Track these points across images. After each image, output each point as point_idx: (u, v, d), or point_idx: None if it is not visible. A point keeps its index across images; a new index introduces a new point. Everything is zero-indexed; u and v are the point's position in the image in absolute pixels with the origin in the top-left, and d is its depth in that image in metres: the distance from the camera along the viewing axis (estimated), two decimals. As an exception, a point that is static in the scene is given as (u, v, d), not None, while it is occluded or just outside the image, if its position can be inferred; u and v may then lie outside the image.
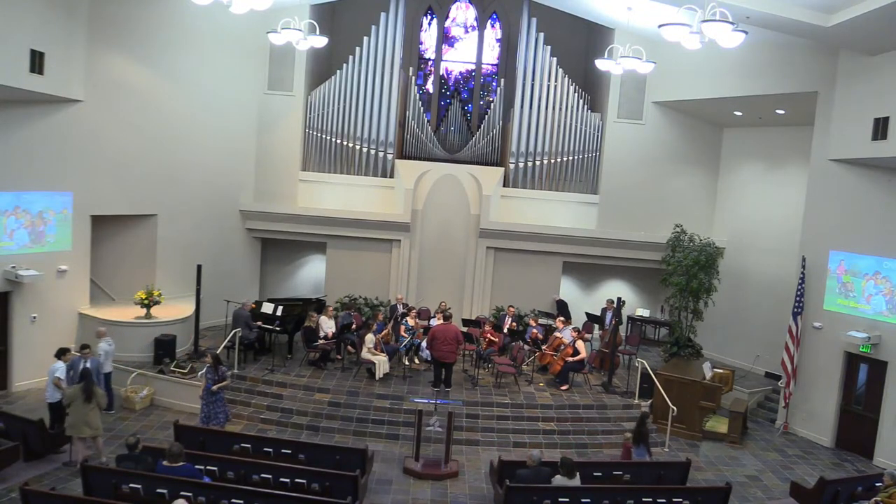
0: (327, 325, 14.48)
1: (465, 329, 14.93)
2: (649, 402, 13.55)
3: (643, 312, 17.98)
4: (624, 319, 16.38)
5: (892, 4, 10.10)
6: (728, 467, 12.12)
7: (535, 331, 15.35)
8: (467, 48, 20.15)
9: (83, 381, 10.05)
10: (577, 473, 9.15)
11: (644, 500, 9.18)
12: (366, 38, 17.32)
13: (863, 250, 13.07)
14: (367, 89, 17.34)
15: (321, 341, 14.10)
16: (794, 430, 14.02)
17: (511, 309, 16.26)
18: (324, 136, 17.45)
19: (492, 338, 14.80)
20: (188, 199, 15.75)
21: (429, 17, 19.91)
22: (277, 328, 14.30)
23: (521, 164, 17.53)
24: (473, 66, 20.07)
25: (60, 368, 10.70)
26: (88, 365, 10.72)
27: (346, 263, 17.53)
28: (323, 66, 18.42)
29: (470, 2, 19.87)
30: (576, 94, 17.64)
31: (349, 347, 14.73)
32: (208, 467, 8.95)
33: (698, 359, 15.38)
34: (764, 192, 16.63)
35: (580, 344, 14.20)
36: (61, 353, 10.97)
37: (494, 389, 13.71)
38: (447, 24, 20.04)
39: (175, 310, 14.74)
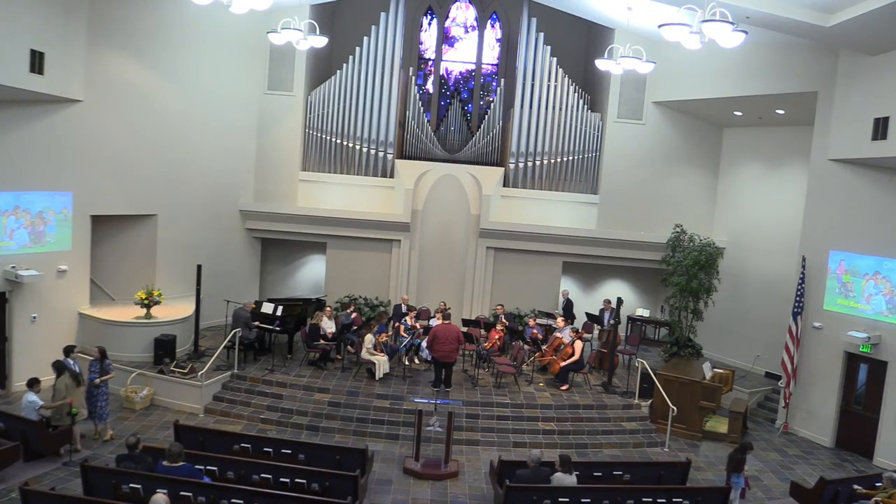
0: (327, 325, 14.49)
1: (465, 329, 14.93)
2: (649, 402, 13.56)
3: (643, 312, 17.97)
4: (623, 319, 16.38)
5: (892, 4, 10.11)
6: (728, 467, 12.11)
7: (534, 331, 15.34)
8: (467, 48, 20.16)
9: (66, 371, 10.45)
10: (575, 472, 9.17)
11: (644, 500, 9.18)
12: (366, 38, 17.32)
13: (863, 250, 13.07)
14: (367, 89, 17.35)
15: (321, 341, 14.11)
16: (794, 430, 14.02)
17: (500, 307, 16.22)
18: (324, 136, 17.46)
19: (499, 341, 14.79)
20: (188, 199, 15.75)
21: (429, 17, 19.92)
22: (277, 328, 14.31)
23: (521, 164, 17.53)
24: (473, 66, 20.07)
25: (35, 401, 10.47)
26: (76, 368, 10.94)
27: (346, 263, 17.53)
28: (323, 66, 18.42)
29: (470, 2, 19.88)
30: (576, 94, 17.65)
31: (349, 347, 14.75)
32: (208, 467, 8.95)
33: (698, 359, 15.40)
34: (764, 192, 16.63)
35: (577, 344, 14.20)
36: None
37: (494, 389, 13.71)
38: (447, 24, 20.04)
39: (175, 310, 14.72)
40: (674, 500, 9.29)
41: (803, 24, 11.56)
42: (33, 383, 10.63)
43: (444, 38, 19.99)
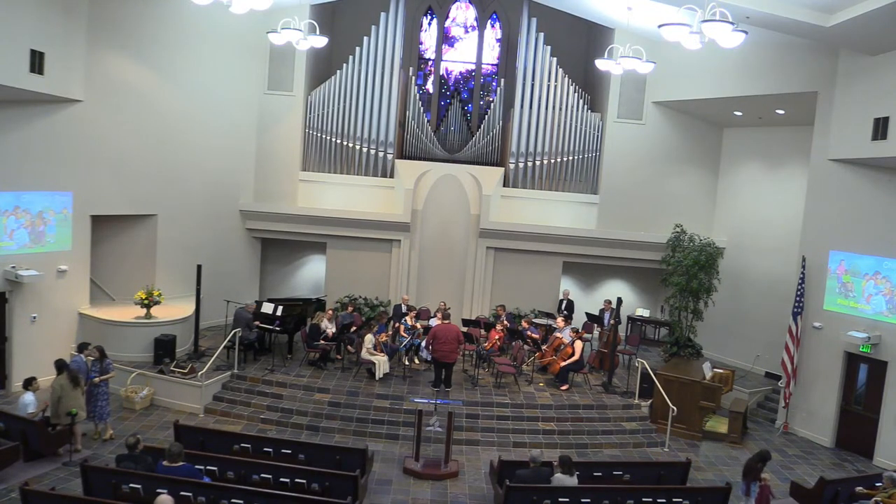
0: (326, 325, 14.48)
1: (465, 329, 14.93)
2: (649, 402, 13.56)
3: (643, 312, 17.97)
4: (623, 319, 16.35)
5: (892, 4, 10.11)
6: (728, 467, 12.11)
7: (528, 332, 15.31)
8: (467, 48, 20.16)
9: (66, 371, 10.36)
10: (576, 472, 9.17)
11: (644, 500, 9.18)
12: (366, 38, 17.32)
13: (863, 250, 13.06)
14: (367, 89, 17.35)
15: (321, 341, 14.11)
16: (794, 430, 14.02)
17: (500, 308, 16.21)
18: (324, 136, 17.45)
19: (499, 341, 14.79)
20: (188, 199, 15.75)
21: (429, 17, 19.91)
22: (277, 328, 14.31)
23: (521, 164, 17.53)
24: (473, 66, 20.07)
25: (31, 402, 10.55)
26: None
27: (346, 263, 17.53)
28: (323, 66, 18.42)
29: (470, 2, 19.88)
30: (576, 94, 17.64)
31: (349, 347, 14.75)
32: (208, 467, 8.95)
33: (698, 359, 15.40)
34: (764, 192, 16.62)
35: (577, 344, 14.20)
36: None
37: (494, 389, 13.70)
38: (447, 24, 20.04)
39: (175, 310, 14.73)
40: (674, 500, 9.29)
41: (803, 24, 11.56)
42: (30, 382, 10.64)
43: (444, 38, 19.99)
